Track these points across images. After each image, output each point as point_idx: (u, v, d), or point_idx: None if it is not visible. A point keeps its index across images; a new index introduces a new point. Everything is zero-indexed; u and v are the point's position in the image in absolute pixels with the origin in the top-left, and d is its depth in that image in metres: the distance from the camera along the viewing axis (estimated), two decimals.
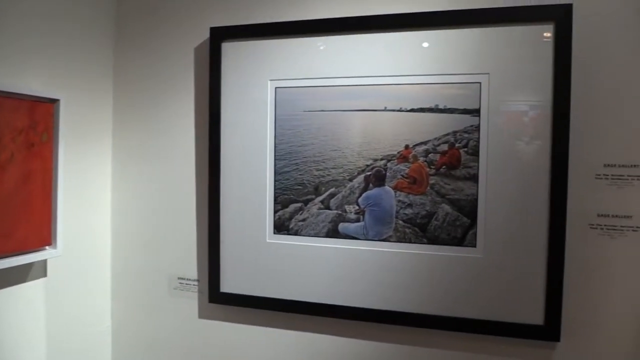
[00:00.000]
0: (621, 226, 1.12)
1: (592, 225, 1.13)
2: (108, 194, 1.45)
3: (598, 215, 1.13)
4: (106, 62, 1.43)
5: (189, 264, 1.39)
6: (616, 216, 1.12)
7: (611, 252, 1.13)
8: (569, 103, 1.11)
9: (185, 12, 1.38)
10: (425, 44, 1.19)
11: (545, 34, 1.13)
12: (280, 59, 1.28)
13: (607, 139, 1.12)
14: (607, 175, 1.12)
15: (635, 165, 1.11)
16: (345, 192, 1.25)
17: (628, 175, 1.11)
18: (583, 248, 1.14)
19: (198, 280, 1.39)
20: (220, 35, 1.33)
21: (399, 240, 1.22)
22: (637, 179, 1.11)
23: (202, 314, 1.40)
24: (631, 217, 1.11)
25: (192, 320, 1.40)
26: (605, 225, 1.13)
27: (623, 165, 1.11)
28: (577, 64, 1.11)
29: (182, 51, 1.38)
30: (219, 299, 1.35)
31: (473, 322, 1.19)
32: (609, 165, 1.12)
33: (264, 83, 1.30)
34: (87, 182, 1.38)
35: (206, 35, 1.35)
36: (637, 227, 1.11)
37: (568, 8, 1.11)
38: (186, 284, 1.40)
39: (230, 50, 1.32)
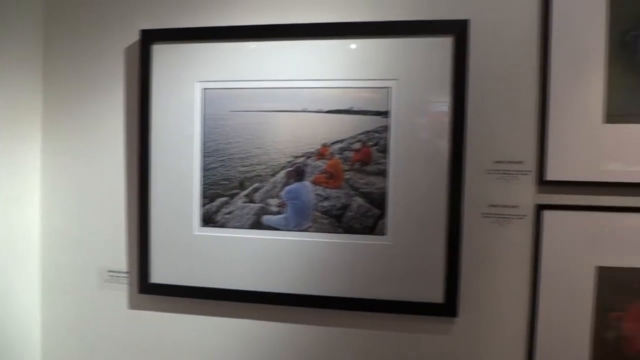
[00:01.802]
0: (509, 215, 1.28)
1: (485, 214, 1.29)
2: (37, 190, 1.49)
3: (489, 206, 1.29)
4: (35, 62, 1.46)
5: (119, 256, 1.45)
6: (505, 206, 1.29)
7: (501, 238, 1.29)
8: (465, 106, 1.26)
9: (115, 14, 1.44)
10: (342, 52, 1.32)
11: (445, 45, 1.27)
12: (208, 62, 1.37)
13: (497, 139, 1.28)
14: (497, 170, 1.29)
15: (520, 162, 1.28)
16: (268, 186, 1.35)
17: (514, 171, 1.28)
18: (477, 234, 1.29)
19: (128, 272, 1.45)
20: (150, 38, 1.40)
21: (317, 231, 1.34)
22: (522, 174, 1.28)
23: (132, 305, 1.46)
24: (517, 206, 1.28)
25: (122, 312, 1.46)
26: (495, 214, 1.29)
27: (510, 162, 1.28)
28: (472, 72, 1.28)
29: (112, 52, 1.44)
30: (148, 290, 1.42)
31: (384, 302, 1.32)
32: (498, 161, 1.29)
33: (192, 84, 1.38)
34: (17, 178, 1.41)
35: (137, 37, 1.41)
36: (522, 216, 1.28)
37: (465, 23, 1.27)
38: (116, 276, 1.46)
39: (160, 52, 1.40)
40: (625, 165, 1.23)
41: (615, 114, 1.23)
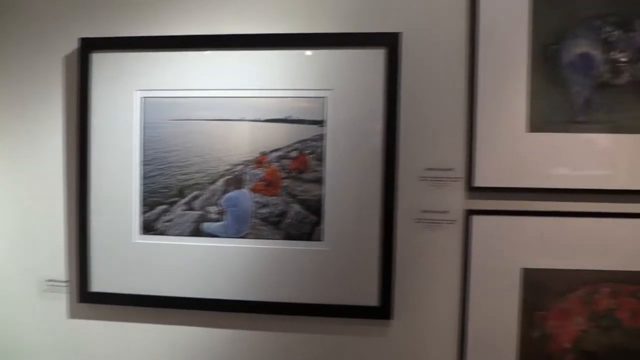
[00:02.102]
0: (440, 220, 1.34)
1: (417, 219, 1.34)
2: None
3: (421, 211, 1.34)
4: None
5: (58, 265, 1.45)
6: (436, 211, 1.34)
7: (432, 242, 1.34)
8: (398, 116, 1.31)
9: (55, 22, 1.43)
10: (279, 62, 1.35)
11: (378, 57, 1.32)
12: (147, 71, 1.38)
13: (428, 147, 1.33)
14: (429, 177, 1.34)
15: (450, 169, 1.33)
16: (207, 194, 1.37)
17: (445, 177, 1.33)
18: (410, 239, 1.34)
19: (67, 281, 1.45)
20: (89, 46, 1.41)
21: (256, 237, 1.36)
22: (452, 180, 1.33)
23: (73, 314, 1.46)
24: (448, 212, 1.33)
25: (62, 321, 1.46)
26: (427, 219, 1.34)
27: (441, 169, 1.33)
28: (404, 82, 1.33)
29: (51, 60, 1.43)
30: (88, 299, 1.42)
31: (321, 306, 1.36)
32: (430, 168, 1.34)
33: (131, 93, 1.39)
34: None
35: (76, 45, 1.41)
36: (452, 220, 1.33)
37: (397, 36, 1.32)
38: (56, 285, 1.45)
39: (100, 60, 1.40)
40: (547, 171, 1.29)
41: (538, 123, 1.30)
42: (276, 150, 1.34)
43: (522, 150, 1.29)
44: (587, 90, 1.28)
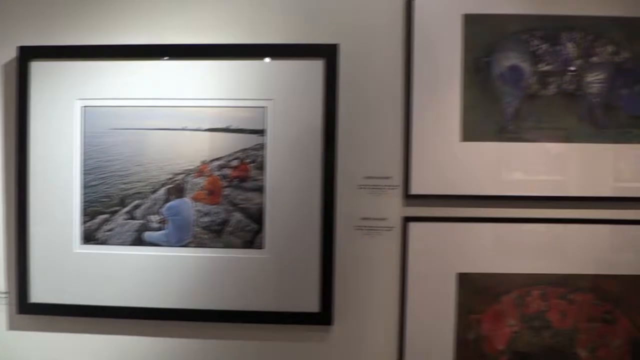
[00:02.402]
0: (378, 227, 1.37)
1: (357, 226, 1.37)
2: None
3: (361, 219, 1.37)
4: None
5: None
6: (375, 219, 1.37)
7: (372, 248, 1.38)
8: (336, 125, 1.34)
9: None
10: (220, 72, 1.36)
11: (317, 68, 1.35)
12: (87, 80, 1.38)
13: (367, 156, 1.37)
14: (367, 185, 1.37)
15: (388, 177, 1.36)
16: (149, 203, 1.38)
17: (383, 185, 1.37)
18: (350, 246, 1.37)
19: (7, 292, 1.43)
20: (28, 55, 1.40)
21: (198, 246, 1.37)
22: (390, 188, 1.37)
23: (12, 326, 1.44)
24: (386, 219, 1.37)
25: (1, 333, 1.44)
26: (366, 226, 1.38)
27: (379, 177, 1.37)
28: (342, 93, 1.37)
29: None
30: (28, 310, 1.40)
31: (263, 313, 1.38)
32: (368, 177, 1.37)
33: (71, 102, 1.38)
34: None
35: (14, 53, 1.39)
36: (390, 227, 1.37)
37: (335, 47, 1.35)
38: None
39: (39, 69, 1.39)
40: (480, 179, 1.34)
41: (471, 133, 1.34)
42: (217, 159, 1.36)
43: (457, 159, 1.34)
44: (517, 101, 1.34)
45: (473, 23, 1.34)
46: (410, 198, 1.34)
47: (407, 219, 1.35)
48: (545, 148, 1.34)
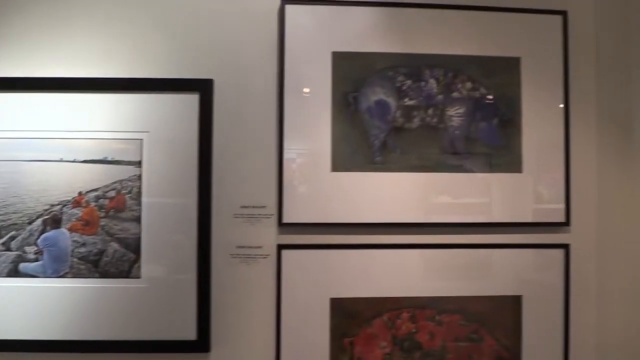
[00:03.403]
0: (254, 254, 1.42)
1: (233, 254, 1.42)
2: None
3: (237, 247, 1.42)
4: None
5: None
6: (250, 247, 1.42)
7: (248, 276, 1.42)
8: (211, 156, 1.39)
9: None
10: (97, 105, 1.40)
11: (193, 101, 1.39)
12: None
13: (242, 186, 1.42)
14: (243, 214, 1.42)
15: (262, 206, 1.42)
16: (25, 234, 1.39)
17: (258, 214, 1.42)
18: (226, 274, 1.41)
19: None
20: None
21: (75, 276, 1.39)
22: (265, 217, 1.42)
23: None
24: (261, 247, 1.42)
25: None
26: (242, 254, 1.42)
27: (254, 207, 1.42)
28: (218, 126, 1.42)
29: None
30: None
31: (141, 343, 1.40)
32: (244, 206, 1.42)
33: None
34: None
35: None
36: (266, 255, 1.42)
37: (210, 82, 1.40)
38: None
39: None
40: (350, 207, 1.41)
41: (341, 164, 1.42)
42: (94, 190, 1.38)
43: (328, 189, 1.41)
44: (383, 134, 1.42)
45: (342, 60, 1.41)
46: (284, 226, 1.40)
47: (281, 247, 1.40)
48: (410, 178, 1.41)
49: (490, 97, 1.44)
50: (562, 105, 1.46)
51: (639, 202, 1.45)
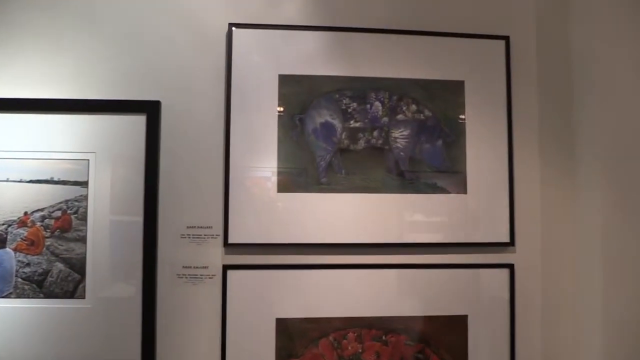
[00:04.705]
0: (200, 275, 1.43)
1: (179, 275, 1.42)
2: None
3: (183, 267, 1.43)
4: None
5: None
6: (197, 267, 1.43)
7: (194, 296, 1.42)
8: (158, 177, 1.40)
9: None
10: (44, 125, 1.41)
11: (139, 123, 1.41)
12: None
13: (189, 206, 1.43)
14: (189, 235, 1.43)
15: (209, 227, 1.43)
16: None
17: (204, 234, 1.43)
18: (172, 294, 1.42)
19: None
20: None
21: (19, 296, 1.39)
22: (211, 237, 1.43)
23: None
24: (207, 267, 1.43)
25: None
26: (188, 274, 1.43)
27: (201, 227, 1.43)
28: (165, 147, 1.45)
29: None
30: None
31: None
32: (190, 226, 1.43)
33: None
34: None
35: None
36: (212, 275, 1.43)
37: (157, 104, 1.42)
38: None
39: None
40: (296, 228, 1.42)
41: (287, 185, 1.44)
42: (40, 210, 1.39)
43: (274, 209, 1.42)
44: (329, 155, 1.44)
45: (288, 83, 1.44)
46: (230, 247, 1.41)
47: (227, 267, 1.41)
48: (355, 199, 1.43)
49: (435, 119, 1.46)
50: (505, 127, 1.49)
51: (580, 220, 1.48)
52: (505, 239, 1.48)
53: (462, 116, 1.48)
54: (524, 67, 1.53)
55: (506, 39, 1.52)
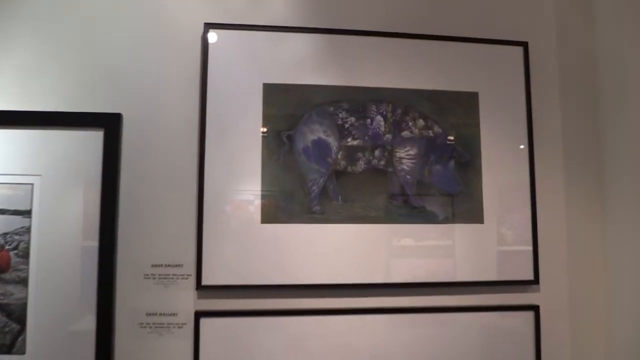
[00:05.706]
0: (168, 323, 1.17)
1: (142, 324, 1.17)
2: None
3: (147, 314, 1.17)
4: None
5: None
6: (163, 314, 1.17)
7: (159, 350, 1.17)
8: (117, 205, 1.15)
9: None
10: None
11: (96, 139, 1.16)
12: None
13: (154, 240, 1.19)
14: (155, 275, 1.17)
15: (179, 265, 1.16)
16: None
17: (173, 274, 1.17)
18: (133, 348, 1.17)
19: None
20: None
21: None
22: (182, 278, 1.17)
23: None
24: (177, 314, 1.17)
25: None
26: (154, 323, 1.17)
27: (169, 265, 1.17)
28: (127, 168, 1.21)
29: None
30: None
31: None
32: (156, 265, 1.17)
33: None
34: None
35: None
36: (182, 324, 1.16)
37: (118, 117, 1.17)
38: None
39: None
40: (282, 266, 1.18)
41: (272, 214, 1.20)
42: None
43: (256, 244, 1.20)
44: (322, 179, 1.20)
45: (274, 93, 1.21)
46: (204, 289, 1.17)
47: (200, 314, 1.16)
48: (354, 230, 1.19)
49: (446, 136, 1.23)
50: (525, 146, 1.26)
51: (612, 254, 1.27)
52: (529, 276, 1.23)
53: (476, 132, 1.24)
54: (545, 76, 1.33)
55: (524, 45, 1.31)
